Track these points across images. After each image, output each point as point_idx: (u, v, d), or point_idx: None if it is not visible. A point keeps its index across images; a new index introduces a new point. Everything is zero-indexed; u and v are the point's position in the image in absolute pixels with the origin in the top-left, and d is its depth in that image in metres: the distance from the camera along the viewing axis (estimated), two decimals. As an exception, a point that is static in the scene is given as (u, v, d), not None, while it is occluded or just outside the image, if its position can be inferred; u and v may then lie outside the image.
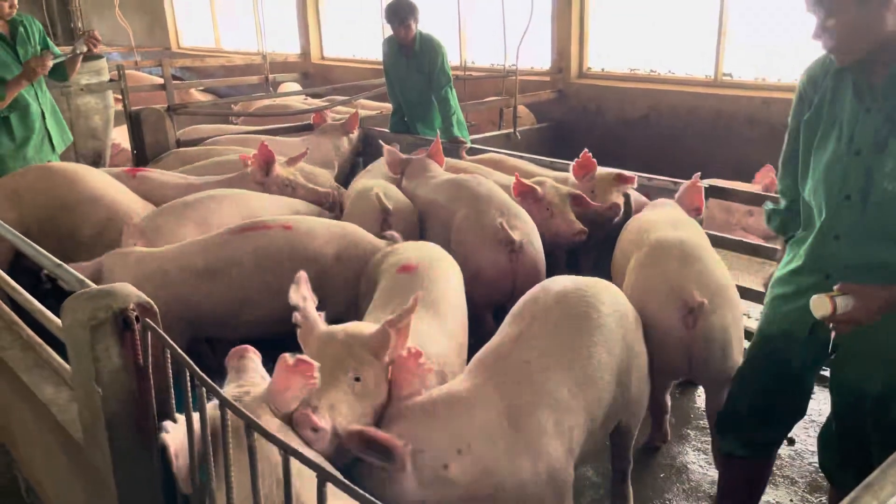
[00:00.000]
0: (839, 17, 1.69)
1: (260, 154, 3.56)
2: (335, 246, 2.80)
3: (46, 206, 3.22)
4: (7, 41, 3.77)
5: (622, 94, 6.49)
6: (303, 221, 2.90)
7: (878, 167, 1.73)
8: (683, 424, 3.01)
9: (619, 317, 2.19)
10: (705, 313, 2.38)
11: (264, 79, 8.57)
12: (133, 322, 1.50)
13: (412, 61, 4.87)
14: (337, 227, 2.90)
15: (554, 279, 2.30)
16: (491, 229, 2.99)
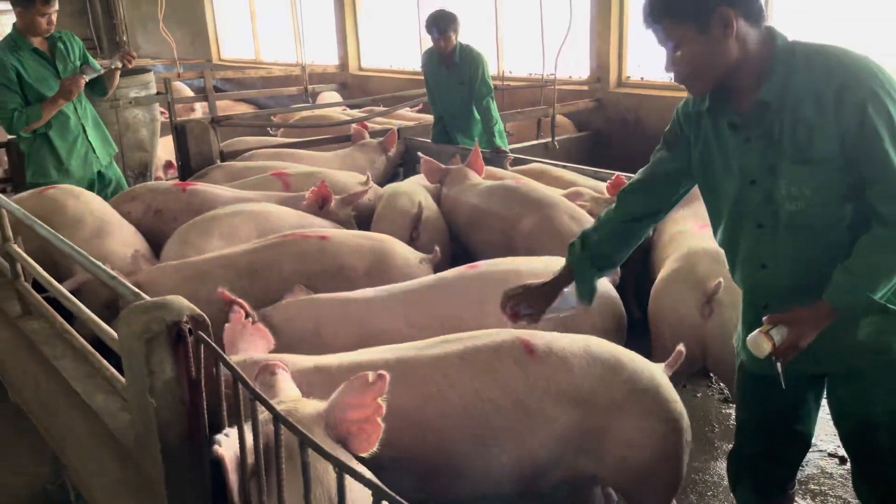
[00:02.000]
0: (685, 49, 1.69)
1: (318, 192, 3.58)
2: (367, 260, 2.85)
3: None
4: (46, 57, 3.84)
5: (662, 103, 6.41)
6: (340, 234, 2.98)
7: (775, 191, 1.70)
8: (730, 441, 2.93)
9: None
10: (723, 305, 2.47)
11: (303, 89, 8.70)
12: (186, 335, 1.52)
13: (452, 72, 4.88)
14: (372, 242, 2.92)
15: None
16: (568, 234, 3.06)
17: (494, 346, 2.00)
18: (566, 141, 6.34)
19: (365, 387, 1.45)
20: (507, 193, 3.48)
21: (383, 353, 2.06)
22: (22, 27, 3.77)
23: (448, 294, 2.46)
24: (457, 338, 2.06)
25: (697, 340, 2.56)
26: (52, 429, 2.83)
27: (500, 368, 1.95)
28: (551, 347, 2.01)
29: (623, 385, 1.99)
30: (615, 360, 2.03)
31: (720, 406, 3.17)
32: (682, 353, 2.28)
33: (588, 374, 1.98)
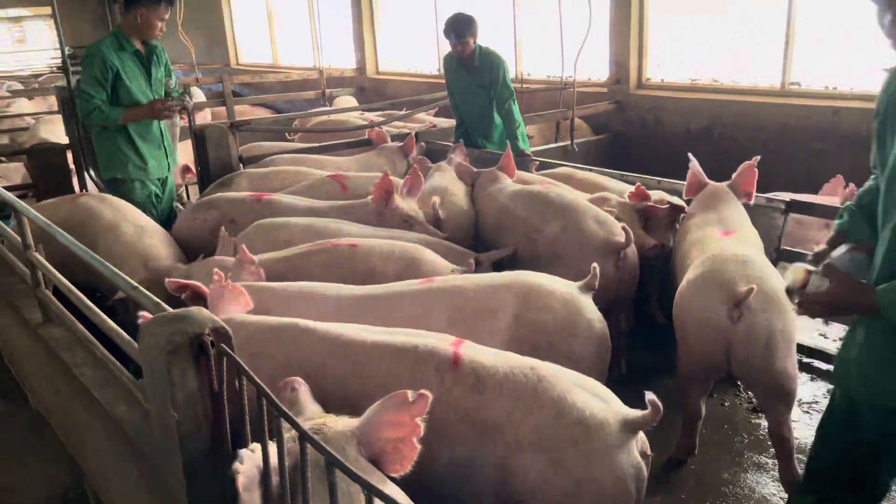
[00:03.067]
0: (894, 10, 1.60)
1: (381, 185, 3.43)
2: (395, 266, 2.83)
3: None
4: (143, 62, 3.96)
5: (683, 106, 6.33)
6: (370, 242, 2.96)
7: None
8: (760, 451, 2.87)
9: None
10: (752, 310, 2.44)
11: (321, 93, 8.71)
12: (209, 347, 1.49)
13: (472, 76, 4.85)
14: (403, 250, 2.89)
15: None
16: (597, 239, 3.05)
17: (430, 350, 1.94)
18: (585, 144, 6.28)
19: (403, 405, 1.41)
20: (532, 197, 3.45)
21: (343, 327, 2.10)
22: (128, 29, 3.89)
23: (392, 305, 2.44)
24: (402, 332, 2.06)
25: (724, 345, 2.52)
26: (72, 436, 2.82)
27: (421, 370, 1.90)
28: (475, 364, 1.89)
29: (536, 424, 1.78)
30: (551, 398, 1.80)
31: (749, 415, 3.10)
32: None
33: (498, 401, 1.83)
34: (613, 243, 3.06)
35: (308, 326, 2.07)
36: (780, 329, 2.47)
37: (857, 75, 5.52)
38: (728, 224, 3.06)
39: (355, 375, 1.93)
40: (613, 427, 1.80)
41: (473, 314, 2.36)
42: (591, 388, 1.90)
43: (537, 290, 2.38)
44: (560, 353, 2.27)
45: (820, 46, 5.67)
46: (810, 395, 3.25)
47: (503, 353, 1.99)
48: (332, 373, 1.95)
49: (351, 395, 1.90)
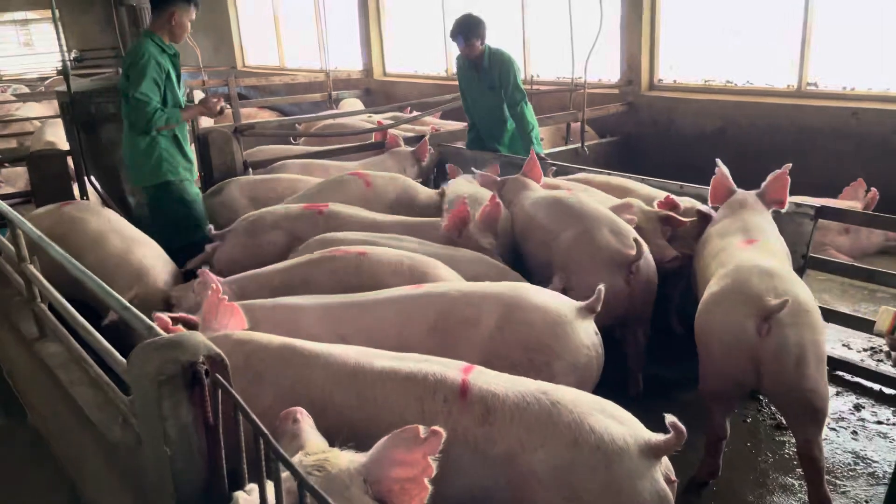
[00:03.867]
0: None
1: (457, 214, 3.17)
2: (402, 279, 2.72)
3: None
4: (177, 63, 3.90)
5: (696, 107, 6.20)
6: (379, 251, 2.86)
7: None
8: (786, 472, 2.74)
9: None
10: (781, 324, 2.32)
11: (327, 96, 8.61)
12: (203, 377, 1.39)
13: (482, 77, 4.74)
14: (413, 263, 2.78)
15: None
16: (607, 251, 2.94)
17: (438, 379, 1.82)
18: (596, 146, 6.15)
19: (414, 442, 1.30)
20: (552, 205, 3.33)
21: (347, 349, 1.98)
22: (160, 31, 3.83)
23: (375, 312, 2.35)
24: (410, 357, 1.94)
25: (752, 361, 2.39)
26: (69, 457, 2.73)
27: (429, 401, 1.79)
28: (484, 393, 1.77)
29: (552, 453, 1.66)
30: (567, 424, 1.69)
31: (773, 433, 2.96)
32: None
33: (510, 430, 1.71)
34: (624, 256, 2.93)
35: (312, 350, 1.96)
36: (811, 343, 2.35)
37: (876, 75, 5.39)
38: (751, 232, 2.92)
39: (361, 405, 1.82)
40: (635, 453, 1.68)
41: (457, 322, 2.27)
42: (611, 411, 1.78)
43: (524, 303, 2.28)
44: (538, 373, 2.14)
45: (837, 46, 5.53)
46: (835, 409, 3.12)
47: (515, 378, 1.87)
48: (338, 401, 1.84)
49: (357, 424, 1.79)
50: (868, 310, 4.04)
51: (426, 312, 2.30)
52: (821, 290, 4.25)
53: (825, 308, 3.67)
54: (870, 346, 3.67)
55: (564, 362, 2.23)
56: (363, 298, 2.42)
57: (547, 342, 2.22)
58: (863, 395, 3.25)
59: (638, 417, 1.82)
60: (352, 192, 3.78)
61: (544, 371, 2.20)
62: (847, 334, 3.78)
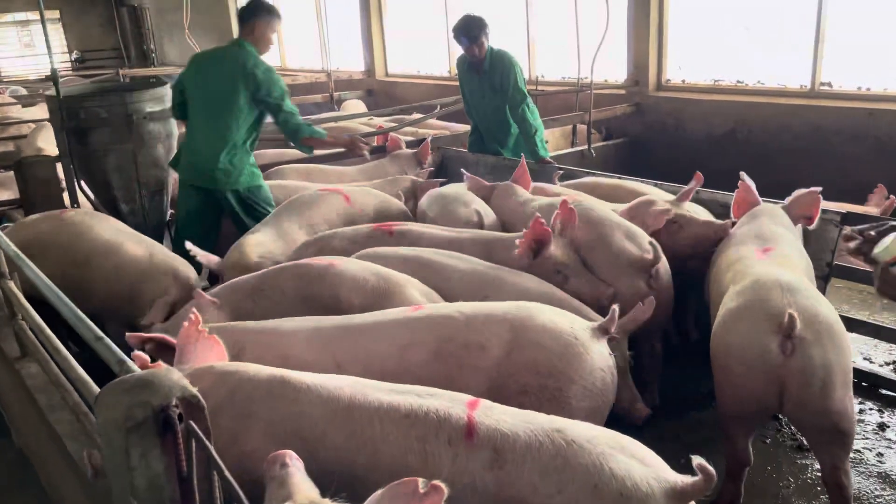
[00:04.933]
0: None
1: (532, 236, 2.79)
2: (366, 297, 2.59)
3: (58, 261, 3.13)
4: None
5: (705, 108, 6.04)
6: (348, 264, 2.73)
7: None
8: (809, 498, 2.59)
9: None
10: (806, 342, 2.19)
11: (329, 97, 8.47)
12: (175, 423, 1.24)
13: (484, 79, 4.59)
14: (377, 281, 2.63)
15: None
16: (625, 256, 2.85)
17: (441, 417, 1.66)
18: (604, 148, 6.01)
19: (413, 498, 1.16)
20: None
21: (340, 381, 1.82)
22: (259, 42, 3.88)
23: (373, 336, 2.19)
24: (411, 390, 1.77)
25: (777, 382, 2.24)
26: (51, 485, 2.60)
27: (432, 442, 1.63)
28: (492, 433, 1.61)
29: (570, 500, 1.50)
30: (585, 467, 1.52)
31: (794, 455, 2.81)
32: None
33: (522, 476, 1.55)
34: (643, 260, 2.83)
35: (303, 382, 1.79)
36: (837, 364, 2.21)
37: (892, 75, 5.22)
38: (768, 241, 2.77)
39: (358, 446, 1.66)
40: (660, 500, 1.52)
41: (461, 347, 2.10)
42: (631, 449, 1.61)
43: (534, 325, 2.11)
44: (551, 399, 2.01)
45: (851, 45, 5.36)
46: (859, 430, 2.96)
47: (525, 413, 1.71)
48: (331, 441, 1.68)
49: (353, 468, 1.64)
50: (890, 319, 3.88)
51: (428, 337, 2.13)
52: (840, 300, 4.09)
53: (846, 317, 3.53)
54: (892, 360, 3.51)
55: (578, 387, 2.08)
56: (359, 321, 2.26)
57: (560, 366, 2.06)
58: (887, 412, 3.09)
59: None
60: (333, 208, 3.62)
61: (557, 397, 2.05)
62: (868, 346, 3.63)
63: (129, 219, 4.12)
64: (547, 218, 3.19)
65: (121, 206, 4.11)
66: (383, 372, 2.05)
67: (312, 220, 3.55)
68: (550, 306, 2.33)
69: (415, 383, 1.96)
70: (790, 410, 2.30)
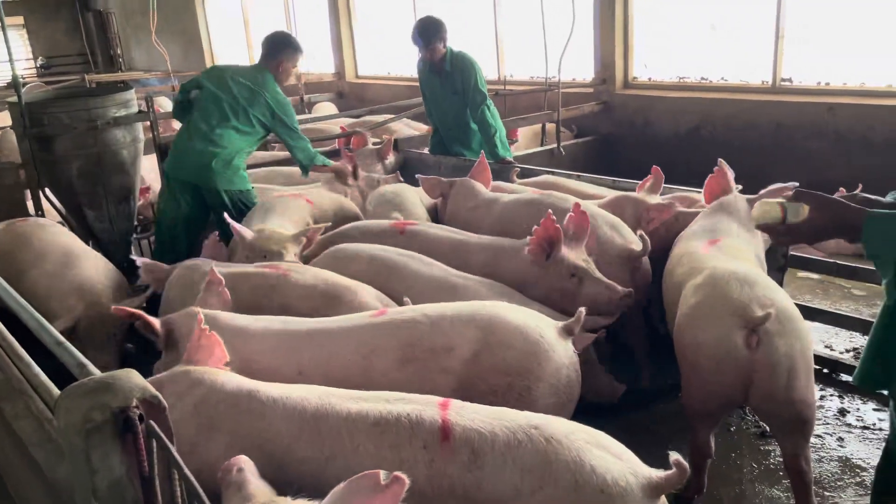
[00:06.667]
0: None
1: (542, 234, 2.68)
2: (314, 303, 2.61)
3: (3, 270, 3.06)
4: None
5: (671, 105, 6.14)
6: (302, 273, 2.74)
7: None
8: (772, 483, 2.65)
9: None
10: (770, 334, 2.22)
11: (299, 99, 8.45)
12: (136, 423, 1.25)
13: (444, 81, 4.61)
14: (327, 286, 2.64)
15: None
16: (613, 248, 2.91)
17: (413, 422, 1.64)
18: (572, 146, 6.06)
19: (375, 490, 1.18)
20: (537, 205, 3.21)
21: (306, 392, 1.81)
22: (281, 76, 3.99)
23: (336, 341, 2.18)
24: (379, 397, 1.76)
25: (744, 375, 2.27)
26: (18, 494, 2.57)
27: (406, 448, 1.62)
28: (468, 434, 1.60)
29: (551, 498, 1.50)
30: (566, 463, 1.52)
31: (757, 442, 2.87)
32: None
33: (502, 475, 1.55)
34: (631, 251, 2.89)
35: (270, 395, 1.77)
36: (800, 353, 2.26)
37: (851, 70, 5.35)
38: (717, 232, 2.80)
39: (327, 458, 1.64)
40: (637, 494, 1.54)
41: (427, 351, 2.10)
42: (606, 444, 1.63)
43: (501, 325, 2.13)
44: (518, 398, 2.03)
45: (811, 41, 5.49)
46: (819, 415, 3.04)
47: (499, 411, 1.71)
48: (300, 455, 1.66)
49: (324, 482, 1.61)
50: (849, 308, 3.98)
51: (393, 342, 2.13)
52: (802, 290, 4.19)
53: (807, 306, 3.62)
54: (852, 347, 3.60)
55: (545, 385, 2.10)
56: (323, 326, 2.26)
57: (527, 365, 2.08)
58: (847, 398, 3.18)
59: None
60: (301, 211, 3.63)
61: (525, 396, 2.07)
62: (829, 334, 3.72)
63: (96, 225, 4.09)
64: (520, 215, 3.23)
65: (87, 212, 4.08)
66: (347, 378, 2.06)
67: (293, 220, 3.55)
68: (515, 305, 2.36)
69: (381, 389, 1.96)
70: (756, 402, 2.33)
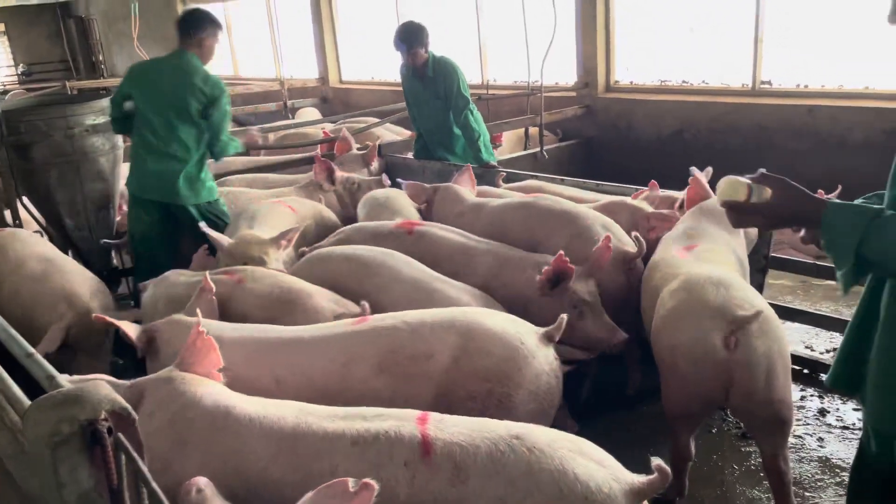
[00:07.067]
0: None
1: (553, 269, 2.61)
2: (271, 311, 2.57)
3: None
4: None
5: (653, 108, 6.18)
6: (258, 279, 2.70)
7: None
8: (752, 484, 2.67)
9: None
10: (748, 335, 2.23)
11: (283, 105, 8.43)
12: (104, 436, 1.23)
13: (427, 86, 4.62)
14: (282, 292, 2.62)
15: None
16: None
17: (393, 439, 1.62)
18: (555, 150, 6.08)
19: (343, 498, 1.17)
20: (529, 208, 3.22)
21: (284, 410, 1.78)
22: (204, 54, 3.82)
23: (313, 351, 2.16)
24: (357, 414, 1.73)
25: (723, 376, 2.28)
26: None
27: (387, 466, 1.58)
28: (450, 448, 1.58)
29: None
30: (550, 473, 1.51)
31: (738, 443, 2.89)
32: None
33: (486, 488, 1.53)
34: (627, 253, 2.91)
35: (246, 413, 1.74)
36: (777, 353, 2.27)
37: (829, 72, 5.40)
38: (694, 238, 2.81)
39: (305, 480, 1.58)
40: (621, 500, 1.54)
41: (407, 358, 2.09)
42: (588, 451, 1.62)
43: (481, 331, 2.12)
44: (498, 405, 2.03)
45: (790, 43, 5.54)
46: (800, 416, 3.06)
47: (480, 421, 1.69)
48: (276, 477, 1.64)
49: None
50: (829, 308, 4.01)
51: (372, 349, 2.12)
52: (782, 291, 4.22)
53: (788, 307, 3.64)
54: (832, 347, 3.63)
55: (525, 391, 2.10)
56: (301, 335, 2.24)
57: (507, 372, 2.07)
58: (827, 398, 3.20)
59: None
60: (286, 218, 3.60)
61: (504, 402, 2.07)
62: (809, 335, 3.75)
63: (76, 234, 4.06)
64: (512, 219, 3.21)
65: (66, 221, 4.04)
66: (326, 389, 2.05)
67: (279, 228, 3.45)
68: (495, 311, 2.36)
69: (359, 398, 1.97)
70: (736, 403, 2.34)
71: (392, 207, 3.64)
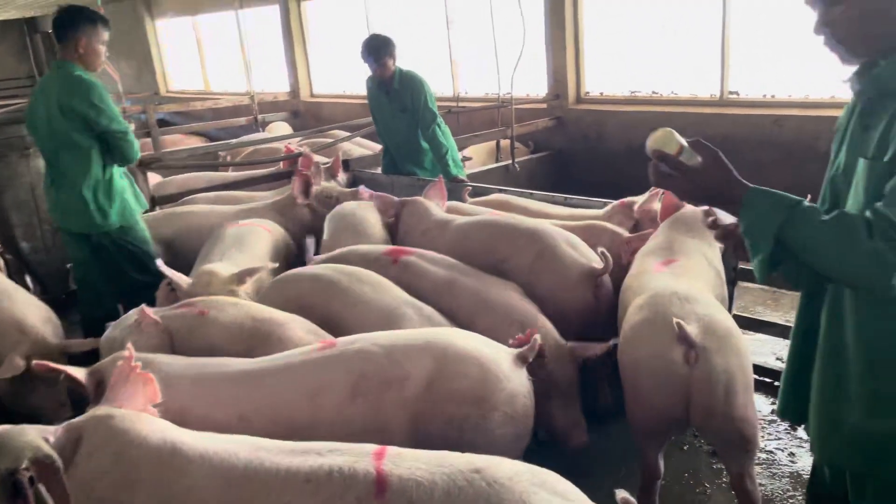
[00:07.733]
0: (849, 2, 1.40)
1: (522, 341, 2.36)
2: (243, 344, 2.46)
3: None
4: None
5: (624, 119, 6.18)
6: (222, 311, 2.56)
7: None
8: (726, 501, 2.62)
9: None
10: (707, 351, 2.22)
11: (253, 119, 8.34)
12: (25, 487, 1.16)
13: (393, 99, 4.57)
14: (255, 324, 2.51)
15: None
16: (575, 267, 2.88)
17: (346, 475, 1.55)
18: (526, 162, 6.06)
19: None
20: (493, 226, 3.17)
21: (235, 446, 1.68)
22: (74, 60, 3.34)
23: (280, 380, 2.07)
24: (311, 449, 1.66)
25: (682, 392, 2.25)
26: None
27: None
28: (406, 485, 1.51)
29: None
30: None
31: (711, 460, 2.85)
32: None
33: None
34: (592, 269, 2.86)
35: (195, 450, 1.65)
36: (738, 368, 2.25)
37: (795, 82, 5.45)
38: (674, 252, 2.80)
39: None
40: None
41: (381, 383, 2.03)
42: (552, 484, 1.55)
43: (456, 353, 2.07)
44: (474, 427, 1.98)
45: (756, 54, 5.58)
46: (771, 431, 3.03)
47: (438, 455, 1.62)
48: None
49: None
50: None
51: (343, 376, 2.04)
52: (753, 302, 4.21)
53: (758, 319, 3.63)
54: (803, 358, 3.61)
55: (500, 413, 2.05)
56: (265, 365, 2.14)
57: (482, 394, 2.02)
58: (799, 411, 3.17)
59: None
60: (265, 240, 3.52)
61: (481, 424, 2.02)
62: (781, 346, 3.73)
63: (32, 257, 3.94)
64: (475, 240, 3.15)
65: (21, 244, 3.93)
66: (295, 421, 1.98)
67: (257, 253, 3.41)
68: (469, 333, 2.30)
69: (330, 427, 1.91)
70: (697, 420, 2.31)
71: (356, 222, 3.55)
